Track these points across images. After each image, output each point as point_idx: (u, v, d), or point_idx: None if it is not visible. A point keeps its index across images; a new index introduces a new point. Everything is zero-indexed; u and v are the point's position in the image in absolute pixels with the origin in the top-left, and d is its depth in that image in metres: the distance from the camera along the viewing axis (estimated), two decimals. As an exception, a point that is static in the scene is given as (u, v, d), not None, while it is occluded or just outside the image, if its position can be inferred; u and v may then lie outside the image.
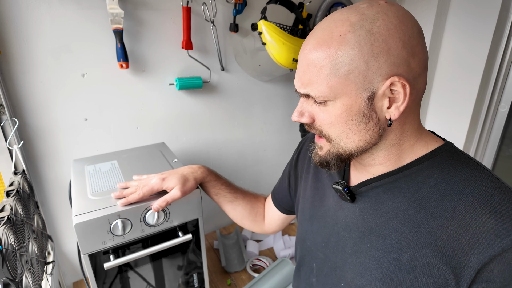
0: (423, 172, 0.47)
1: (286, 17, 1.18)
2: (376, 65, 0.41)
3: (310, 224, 0.63)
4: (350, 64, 0.41)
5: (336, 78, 0.42)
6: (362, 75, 0.42)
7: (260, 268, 1.15)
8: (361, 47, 0.41)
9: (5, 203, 0.65)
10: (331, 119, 0.46)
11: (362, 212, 0.52)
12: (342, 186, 0.53)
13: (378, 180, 0.50)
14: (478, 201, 0.42)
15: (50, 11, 0.83)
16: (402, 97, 0.42)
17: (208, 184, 0.78)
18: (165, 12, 0.98)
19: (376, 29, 0.40)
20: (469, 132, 1.22)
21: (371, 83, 0.42)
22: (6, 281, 0.53)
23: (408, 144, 0.48)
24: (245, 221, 0.83)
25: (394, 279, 0.47)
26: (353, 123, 0.45)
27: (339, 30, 0.42)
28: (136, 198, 0.68)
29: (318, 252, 0.60)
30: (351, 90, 0.43)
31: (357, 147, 0.47)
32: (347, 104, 0.44)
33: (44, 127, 0.92)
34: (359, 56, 0.41)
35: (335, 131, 0.47)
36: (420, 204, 0.46)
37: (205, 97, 1.16)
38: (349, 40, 0.41)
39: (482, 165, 0.47)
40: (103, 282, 0.72)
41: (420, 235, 0.45)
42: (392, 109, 0.44)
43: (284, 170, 0.78)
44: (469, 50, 1.14)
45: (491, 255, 0.39)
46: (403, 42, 0.41)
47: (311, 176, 0.65)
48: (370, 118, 0.44)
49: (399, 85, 0.42)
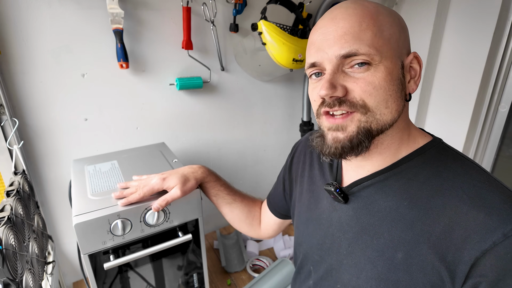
0: (412, 169, 0.47)
1: (286, 17, 1.18)
2: (404, 36, 0.46)
3: (306, 227, 0.63)
4: (390, 29, 0.44)
5: (382, 40, 0.44)
6: (397, 42, 0.45)
7: (260, 268, 1.15)
8: (393, 18, 0.45)
9: (5, 203, 0.65)
10: (375, 83, 0.43)
11: (355, 213, 0.52)
12: (334, 187, 0.53)
13: (369, 179, 0.50)
14: (468, 195, 0.43)
15: (50, 11, 0.83)
16: (418, 73, 0.48)
17: (207, 185, 0.78)
18: (165, 12, 0.98)
19: (394, 13, 0.47)
20: (469, 132, 1.22)
21: (401, 53, 0.46)
22: (6, 281, 0.53)
23: (407, 133, 0.50)
24: (242, 225, 0.83)
25: (390, 279, 0.47)
26: (394, 89, 0.45)
27: (368, 4, 0.45)
28: (137, 198, 0.68)
29: (314, 255, 0.60)
30: (392, 55, 0.45)
31: (392, 118, 0.46)
32: (390, 68, 0.44)
33: (44, 127, 0.92)
34: (395, 24, 0.45)
35: (376, 98, 0.44)
36: (412, 202, 0.46)
37: (205, 97, 1.16)
38: (382, 10, 0.45)
39: (470, 159, 0.47)
40: (103, 282, 0.72)
41: (413, 233, 0.45)
42: (411, 83, 0.48)
43: (279, 176, 0.78)
44: (469, 50, 1.14)
45: (483, 249, 0.39)
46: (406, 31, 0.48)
47: (306, 180, 0.65)
48: (404, 87, 0.47)
49: (415, 61, 0.47)
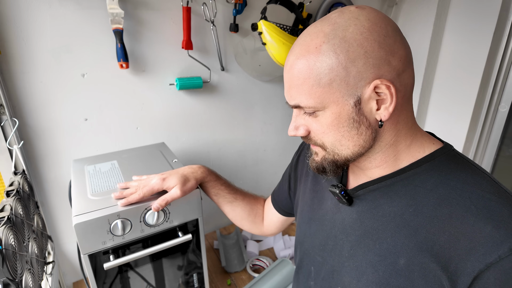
0: (420, 176, 0.47)
1: (286, 17, 1.18)
2: (355, 70, 0.42)
3: (308, 226, 0.63)
4: (330, 73, 0.42)
5: (320, 88, 0.43)
6: (344, 81, 0.42)
7: (260, 268, 1.15)
8: (337, 55, 0.42)
9: (5, 203, 0.65)
10: (323, 128, 0.47)
11: (359, 216, 0.52)
12: (339, 189, 0.53)
13: (375, 183, 0.49)
14: (475, 206, 0.42)
15: (50, 11, 0.83)
16: (389, 97, 0.43)
17: (208, 184, 0.78)
18: (165, 12, 0.98)
19: (349, 35, 0.41)
20: (469, 132, 1.22)
21: (355, 88, 0.43)
22: (6, 281, 0.53)
23: (404, 144, 0.48)
24: (244, 222, 0.83)
25: (391, 284, 0.47)
26: (345, 130, 0.45)
27: (314, 42, 0.43)
28: (137, 199, 0.68)
29: (316, 255, 0.60)
30: (337, 98, 0.43)
31: (352, 152, 0.47)
32: (336, 112, 0.44)
33: (44, 127, 0.92)
34: (337, 64, 0.42)
35: (329, 139, 0.47)
36: (417, 209, 0.45)
37: (205, 97, 1.16)
38: (325, 50, 0.42)
39: (481, 168, 0.46)
40: (103, 282, 0.72)
41: (417, 240, 0.44)
42: (381, 111, 0.44)
43: (285, 173, 0.78)
44: (469, 50, 1.14)
45: (488, 262, 0.39)
46: (379, 43, 0.41)
47: (310, 179, 0.65)
48: (360, 123, 0.45)
49: (383, 87, 0.42)
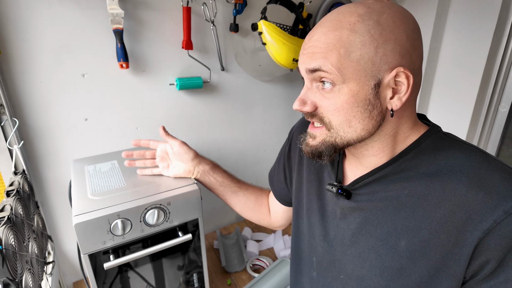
0: (411, 162, 0.47)
1: (286, 17, 1.18)
2: (383, 52, 0.42)
3: (307, 218, 0.63)
4: (361, 49, 0.42)
5: (348, 61, 0.43)
6: (371, 61, 0.43)
7: (260, 268, 1.15)
8: (371, 35, 0.42)
9: (5, 203, 0.65)
10: (337, 104, 0.45)
11: (358, 204, 0.52)
12: (336, 188, 0.53)
13: (370, 176, 0.50)
14: (466, 176, 0.43)
15: (50, 11, 0.83)
16: (405, 88, 0.44)
17: (213, 171, 0.81)
18: (165, 12, 0.98)
19: (383, 20, 0.42)
20: (469, 132, 1.22)
21: (378, 70, 0.43)
22: (6, 281, 0.53)
23: (403, 136, 0.49)
24: (251, 213, 0.83)
25: (394, 267, 0.47)
26: (358, 110, 0.45)
27: (348, 20, 0.43)
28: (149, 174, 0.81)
29: (318, 246, 0.60)
30: (360, 76, 0.43)
31: (357, 136, 0.47)
32: (355, 90, 0.44)
33: (44, 127, 0.92)
34: (369, 42, 0.42)
35: (338, 118, 0.46)
36: (411, 190, 0.46)
37: (205, 97, 1.16)
38: (359, 28, 0.42)
39: (469, 143, 0.47)
40: (103, 282, 0.72)
41: (415, 220, 0.45)
42: (394, 100, 0.45)
43: (279, 162, 0.78)
44: (469, 50, 1.14)
45: (485, 229, 0.40)
46: (407, 34, 0.43)
47: (304, 168, 0.65)
48: (374, 107, 0.45)
49: (403, 76, 0.43)
